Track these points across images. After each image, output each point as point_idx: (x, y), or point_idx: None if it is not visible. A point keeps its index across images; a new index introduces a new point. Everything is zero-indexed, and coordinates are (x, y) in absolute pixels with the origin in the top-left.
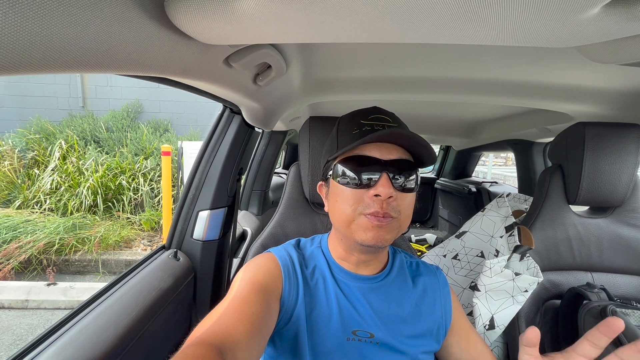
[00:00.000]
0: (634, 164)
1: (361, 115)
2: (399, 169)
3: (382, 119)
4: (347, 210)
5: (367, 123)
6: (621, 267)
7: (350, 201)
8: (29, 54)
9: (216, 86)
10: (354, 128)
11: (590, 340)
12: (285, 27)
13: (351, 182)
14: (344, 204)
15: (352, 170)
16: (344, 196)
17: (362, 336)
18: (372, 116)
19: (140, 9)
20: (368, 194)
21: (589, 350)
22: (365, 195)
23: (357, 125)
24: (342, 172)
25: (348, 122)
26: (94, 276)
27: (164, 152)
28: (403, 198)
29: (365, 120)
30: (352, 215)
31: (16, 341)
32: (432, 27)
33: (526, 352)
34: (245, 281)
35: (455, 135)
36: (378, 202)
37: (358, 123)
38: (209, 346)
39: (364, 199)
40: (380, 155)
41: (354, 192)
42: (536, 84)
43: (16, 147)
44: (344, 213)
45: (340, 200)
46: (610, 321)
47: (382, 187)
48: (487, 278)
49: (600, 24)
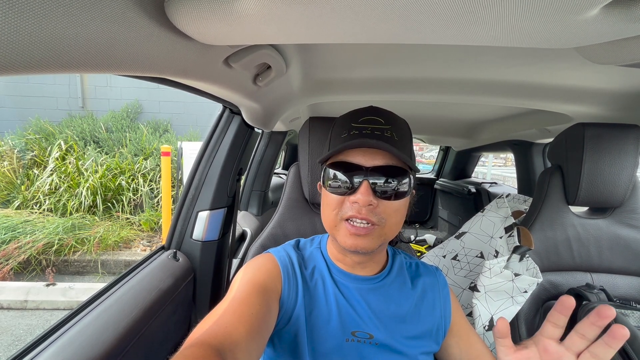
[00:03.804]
0: (633, 164)
1: (354, 117)
2: (384, 175)
3: (374, 120)
4: (330, 214)
5: (357, 126)
6: (620, 268)
7: (333, 205)
8: (28, 54)
9: (216, 86)
10: (344, 132)
11: (551, 321)
12: (285, 27)
13: (335, 187)
14: (328, 208)
15: (337, 176)
16: (328, 200)
17: (361, 337)
18: (364, 118)
19: (139, 9)
20: (349, 199)
21: (552, 331)
22: (346, 200)
23: (347, 128)
24: (328, 176)
25: (340, 124)
26: (94, 277)
27: (164, 152)
28: (387, 205)
29: (356, 122)
30: (334, 219)
31: (15, 342)
32: (432, 28)
33: (500, 344)
34: (244, 282)
35: (455, 136)
36: (357, 208)
37: (349, 126)
38: (208, 347)
39: (344, 204)
40: (364, 161)
41: (335, 197)
42: (536, 85)
43: (15, 147)
44: (328, 217)
45: (325, 204)
46: (563, 299)
47: (361, 194)
48: (486, 279)
49: (599, 25)
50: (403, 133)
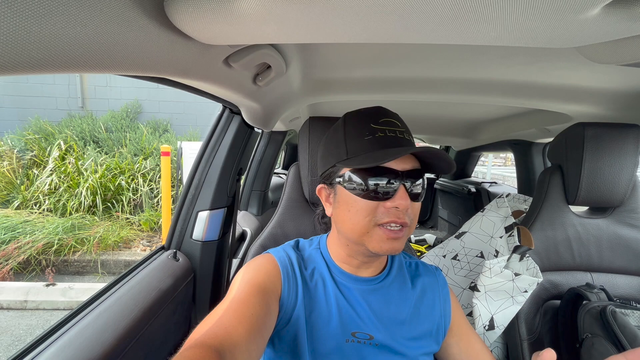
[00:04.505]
0: (633, 164)
1: (370, 118)
2: (414, 178)
3: (391, 123)
4: (361, 221)
5: (379, 128)
6: (620, 268)
7: (364, 212)
8: (27, 54)
9: (216, 86)
10: (366, 133)
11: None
12: (285, 27)
13: (366, 193)
14: (357, 215)
15: (368, 181)
16: (357, 206)
17: (361, 338)
18: (382, 120)
19: (139, 8)
20: (385, 205)
21: None
22: (381, 205)
23: (369, 130)
24: (355, 180)
25: (357, 125)
26: (93, 277)
27: (164, 152)
28: (415, 206)
29: (376, 124)
30: (367, 226)
31: (15, 342)
32: (432, 27)
33: None
34: (244, 282)
35: (455, 136)
36: (395, 213)
37: (369, 127)
38: (208, 348)
39: (378, 210)
40: (397, 166)
41: (368, 203)
42: (536, 84)
43: (15, 147)
44: (358, 224)
45: (353, 210)
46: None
47: (400, 199)
48: (486, 278)
49: (600, 25)
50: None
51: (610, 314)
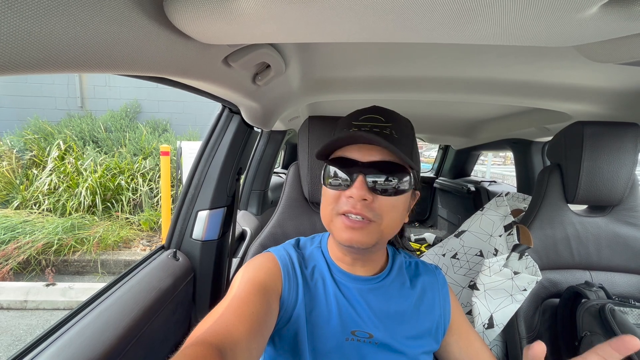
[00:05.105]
0: (632, 162)
1: (355, 116)
2: (380, 171)
3: (374, 118)
4: (326, 209)
5: (357, 124)
6: (619, 266)
7: (328, 200)
8: (27, 53)
9: (215, 86)
10: (344, 129)
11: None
12: (284, 26)
13: (332, 183)
14: (324, 204)
15: (333, 172)
16: (326, 196)
17: (361, 336)
18: (365, 116)
19: (139, 8)
20: (345, 194)
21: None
22: (342, 195)
23: (348, 126)
24: (328, 174)
25: (342, 123)
26: (93, 276)
27: (163, 152)
28: (383, 201)
29: (357, 121)
30: (330, 214)
31: (15, 342)
32: (431, 27)
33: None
34: (245, 281)
35: (454, 135)
36: (352, 203)
37: (349, 124)
38: (209, 346)
39: (340, 199)
40: (360, 157)
41: (332, 192)
42: (535, 83)
43: (14, 147)
44: (324, 212)
45: (323, 200)
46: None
47: (355, 188)
48: (486, 277)
49: (598, 23)
50: (404, 131)
51: (609, 312)
